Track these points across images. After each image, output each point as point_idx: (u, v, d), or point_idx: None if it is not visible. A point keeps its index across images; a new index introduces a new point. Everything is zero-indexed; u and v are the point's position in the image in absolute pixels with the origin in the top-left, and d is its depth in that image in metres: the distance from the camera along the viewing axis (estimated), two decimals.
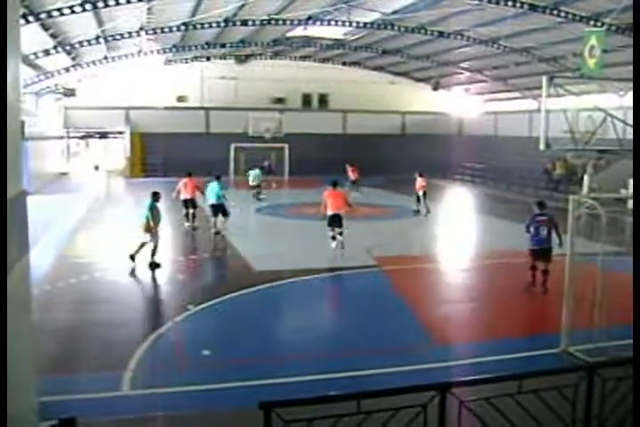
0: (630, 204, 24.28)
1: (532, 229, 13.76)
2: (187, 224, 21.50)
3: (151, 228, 15.50)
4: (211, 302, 12.44)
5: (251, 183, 30.41)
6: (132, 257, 15.50)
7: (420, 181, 25.35)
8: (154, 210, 15.63)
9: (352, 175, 32.40)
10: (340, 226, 17.61)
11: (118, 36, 27.97)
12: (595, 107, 13.68)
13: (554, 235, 13.38)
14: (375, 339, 10.69)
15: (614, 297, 9.35)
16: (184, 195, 21.45)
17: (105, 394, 8.21)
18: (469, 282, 15.59)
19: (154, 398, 8.21)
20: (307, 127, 42.93)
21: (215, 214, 20.34)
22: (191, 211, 21.40)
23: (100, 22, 25.27)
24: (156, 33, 28.00)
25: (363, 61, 43.87)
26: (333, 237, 17.75)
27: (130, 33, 27.70)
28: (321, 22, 29.00)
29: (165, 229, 22.15)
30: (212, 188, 20.36)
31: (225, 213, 20.52)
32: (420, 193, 25.31)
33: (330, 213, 17.56)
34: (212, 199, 20.32)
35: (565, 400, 5.28)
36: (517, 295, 13.62)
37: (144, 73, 40.20)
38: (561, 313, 9.70)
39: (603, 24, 23.09)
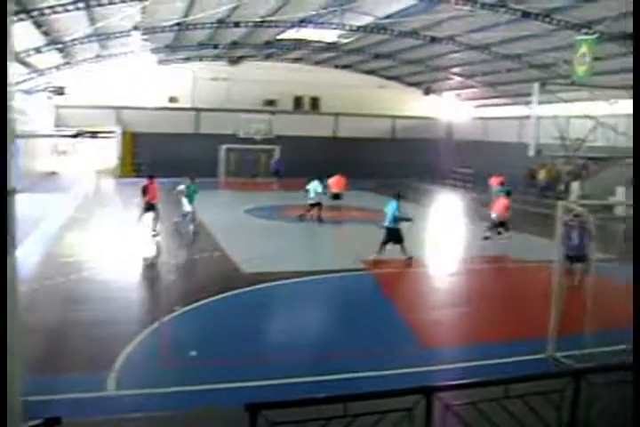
0: (619, 210, 24.47)
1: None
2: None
3: None
4: (198, 304, 12.41)
5: None
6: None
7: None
8: None
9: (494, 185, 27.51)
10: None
11: (111, 35, 27.89)
12: (585, 114, 13.74)
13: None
14: (363, 342, 10.69)
15: (602, 303, 9.40)
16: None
17: (90, 394, 8.17)
18: (457, 286, 15.64)
19: (139, 399, 8.19)
20: (298, 130, 42.92)
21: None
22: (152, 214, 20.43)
23: (93, 21, 25.15)
24: (148, 33, 27.94)
25: (354, 65, 43.88)
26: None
27: (122, 32, 27.60)
28: (314, 25, 29.01)
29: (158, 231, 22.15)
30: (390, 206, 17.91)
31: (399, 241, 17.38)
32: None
33: None
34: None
35: (551, 405, 5.29)
36: (505, 300, 13.68)
37: (136, 73, 40.07)
38: (549, 318, 9.72)
39: (594, 32, 23.19)
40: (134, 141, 41.82)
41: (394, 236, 17.13)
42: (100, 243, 19.15)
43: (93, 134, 45.01)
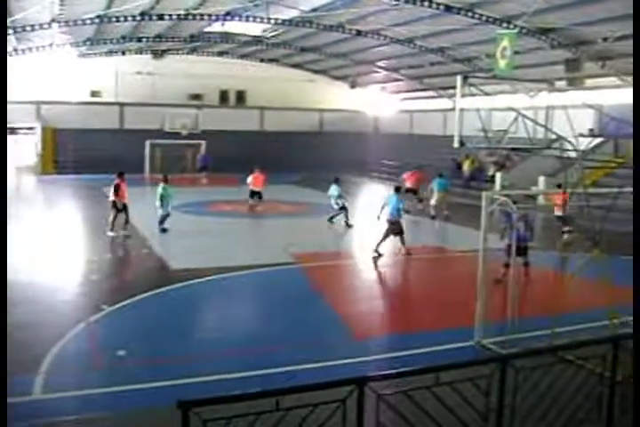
0: (540, 200, 25.17)
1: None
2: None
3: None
4: (125, 302, 12.18)
5: None
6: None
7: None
8: None
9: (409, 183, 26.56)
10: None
11: (29, 28, 27.04)
12: (507, 106, 14.03)
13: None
14: (294, 335, 10.72)
15: (525, 290, 9.66)
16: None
17: (16, 399, 7.90)
18: (386, 277, 15.83)
19: (68, 402, 7.99)
20: (224, 124, 42.60)
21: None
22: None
23: (10, 12, 24.35)
24: (68, 25, 27.21)
25: (281, 58, 43.81)
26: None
27: (41, 25, 26.83)
28: (239, 18, 28.79)
29: (77, 229, 21.68)
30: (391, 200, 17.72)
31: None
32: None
33: None
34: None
35: (480, 391, 5.41)
36: (437, 290, 13.92)
37: (57, 66, 38.93)
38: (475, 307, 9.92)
39: (515, 26, 23.77)
40: (55, 137, 40.69)
41: (396, 228, 17.27)
42: (24, 242, 18.58)
43: (12, 130, 43.76)
